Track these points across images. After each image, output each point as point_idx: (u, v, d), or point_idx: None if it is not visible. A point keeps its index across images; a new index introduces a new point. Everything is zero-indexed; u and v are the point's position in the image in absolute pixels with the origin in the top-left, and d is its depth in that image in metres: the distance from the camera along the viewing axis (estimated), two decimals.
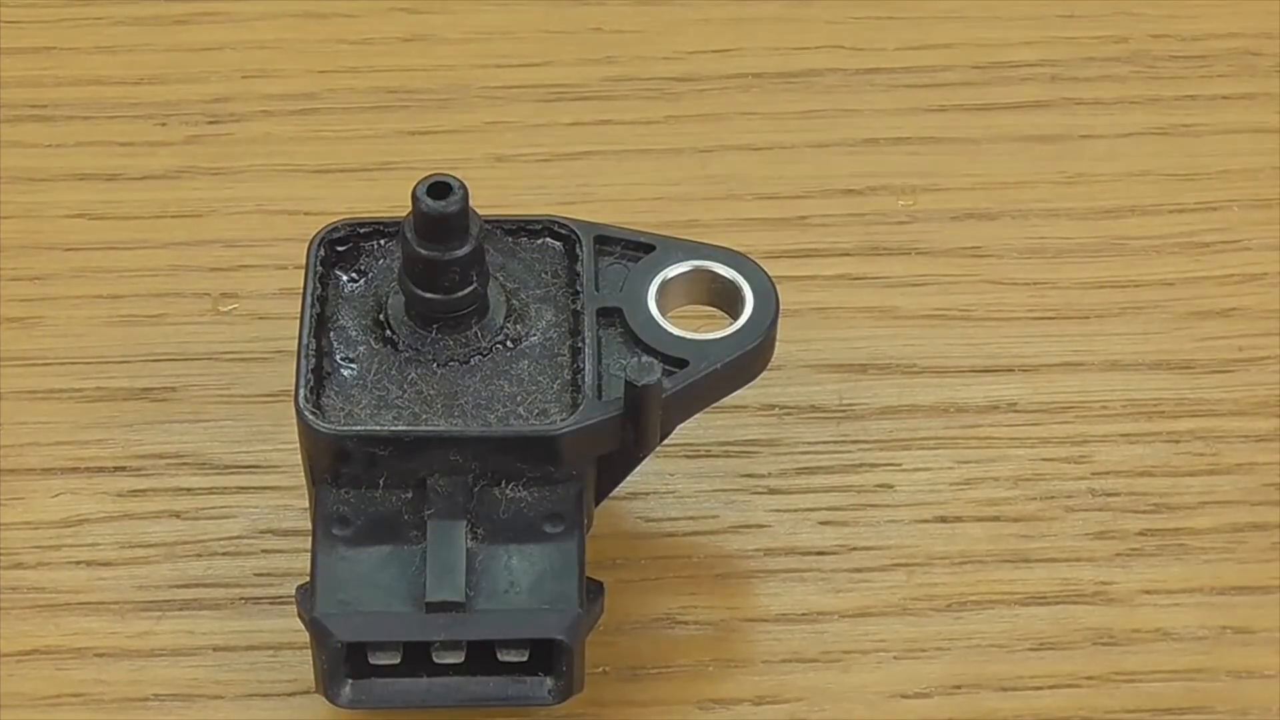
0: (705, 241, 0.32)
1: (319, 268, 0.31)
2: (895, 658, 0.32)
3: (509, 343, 0.31)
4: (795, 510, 0.34)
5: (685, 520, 0.34)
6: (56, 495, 0.34)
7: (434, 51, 0.40)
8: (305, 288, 0.31)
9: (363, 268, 0.31)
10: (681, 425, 0.31)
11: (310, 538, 0.29)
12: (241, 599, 0.32)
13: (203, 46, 0.40)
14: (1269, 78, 0.40)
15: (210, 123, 0.39)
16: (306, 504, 0.31)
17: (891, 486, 0.34)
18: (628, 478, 0.32)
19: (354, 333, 0.31)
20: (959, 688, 0.32)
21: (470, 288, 0.30)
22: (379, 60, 0.40)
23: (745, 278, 0.31)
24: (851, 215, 0.38)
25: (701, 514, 0.34)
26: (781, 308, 0.31)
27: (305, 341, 0.30)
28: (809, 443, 0.34)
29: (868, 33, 0.41)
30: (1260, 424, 0.35)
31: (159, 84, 0.39)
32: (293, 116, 0.39)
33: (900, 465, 0.34)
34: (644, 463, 0.31)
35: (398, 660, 0.29)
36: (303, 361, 0.30)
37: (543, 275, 0.31)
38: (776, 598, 0.33)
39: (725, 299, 0.32)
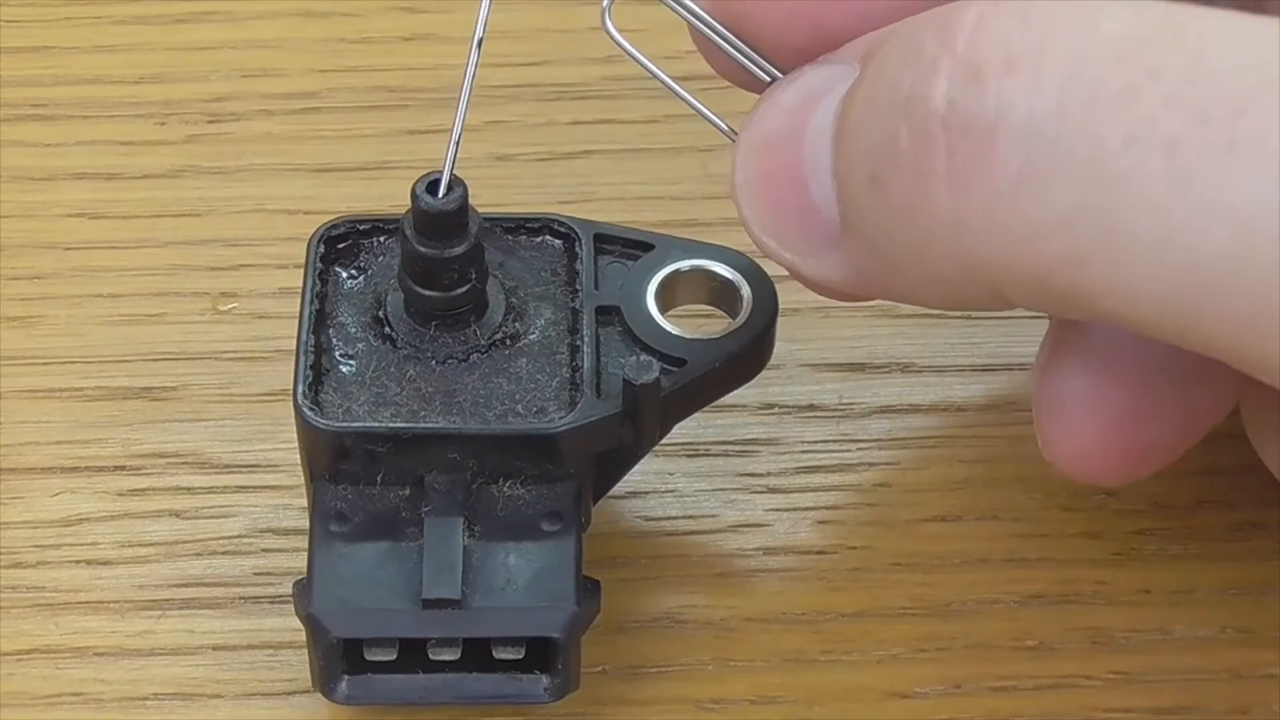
0: (705, 241, 0.32)
1: (319, 264, 0.31)
2: (894, 657, 0.32)
3: (508, 340, 0.31)
4: (794, 509, 0.34)
5: (685, 519, 0.34)
6: (56, 494, 0.34)
7: (434, 50, 0.40)
8: (305, 284, 0.31)
9: (362, 264, 0.31)
10: (680, 424, 0.31)
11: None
12: (241, 598, 0.32)
13: (202, 45, 0.40)
14: None
15: (210, 122, 0.39)
16: (306, 503, 0.31)
17: (890, 485, 0.34)
18: (627, 476, 0.32)
19: (353, 329, 0.31)
20: (958, 687, 0.32)
21: (469, 285, 0.30)
22: (379, 59, 0.40)
23: (744, 277, 0.31)
24: None
25: (701, 513, 0.34)
26: (780, 307, 0.31)
27: (304, 338, 0.30)
28: (808, 441, 0.34)
29: None
30: None
31: (159, 83, 0.39)
32: (292, 115, 0.39)
33: (899, 464, 0.34)
34: (643, 461, 0.31)
35: (394, 656, 0.29)
36: (301, 358, 0.30)
37: (542, 273, 0.32)
38: (776, 596, 0.33)
39: (724, 298, 0.32)
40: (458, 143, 0.29)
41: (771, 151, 0.27)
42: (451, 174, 0.29)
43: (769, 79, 0.28)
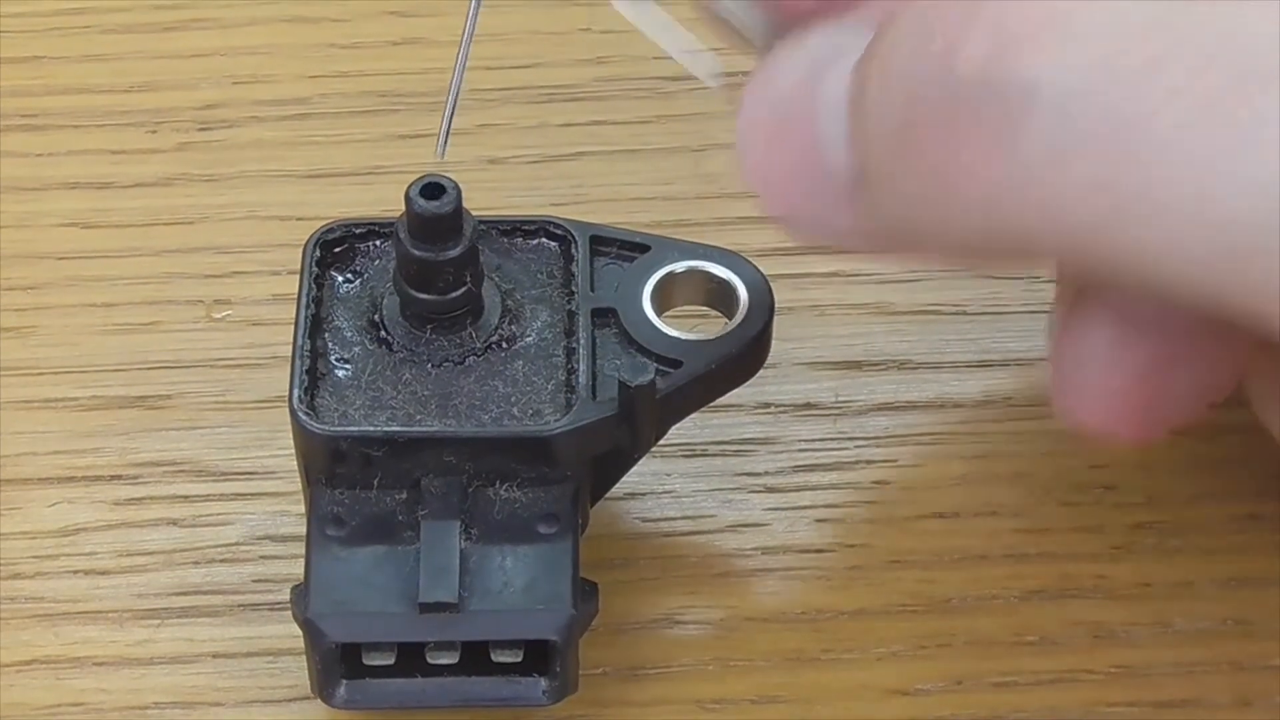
0: (700, 241, 0.32)
1: (314, 268, 0.31)
2: (895, 654, 0.32)
3: (504, 343, 0.31)
4: (793, 508, 0.34)
5: (683, 520, 0.34)
6: (53, 504, 0.34)
7: (424, 54, 0.40)
8: (300, 288, 0.31)
9: (358, 268, 0.31)
10: (678, 425, 0.31)
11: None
12: (240, 605, 0.32)
13: (192, 53, 0.40)
14: None
15: (201, 129, 0.39)
16: (303, 509, 0.31)
17: (888, 483, 0.34)
18: (624, 478, 0.32)
19: (349, 333, 0.31)
20: (959, 683, 0.32)
21: (464, 288, 0.30)
22: (370, 64, 0.40)
23: (740, 277, 0.31)
24: None
25: (699, 513, 0.34)
26: (776, 306, 0.31)
27: (300, 342, 0.30)
28: (805, 440, 0.34)
29: None
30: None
31: (149, 91, 0.39)
32: (284, 122, 0.39)
33: (896, 461, 0.34)
34: (641, 463, 0.31)
35: (392, 661, 0.29)
36: (297, 362, 0.30)
37: (538, 276, 0.31)
38: (775, 596, 0.33)
39: (720, 298, 0.32)
40: (459, 84, 0.29)
41: (780, 113, 0.27)
42: (449, 129, 0.29)
43: (769, 45, 0.28)
